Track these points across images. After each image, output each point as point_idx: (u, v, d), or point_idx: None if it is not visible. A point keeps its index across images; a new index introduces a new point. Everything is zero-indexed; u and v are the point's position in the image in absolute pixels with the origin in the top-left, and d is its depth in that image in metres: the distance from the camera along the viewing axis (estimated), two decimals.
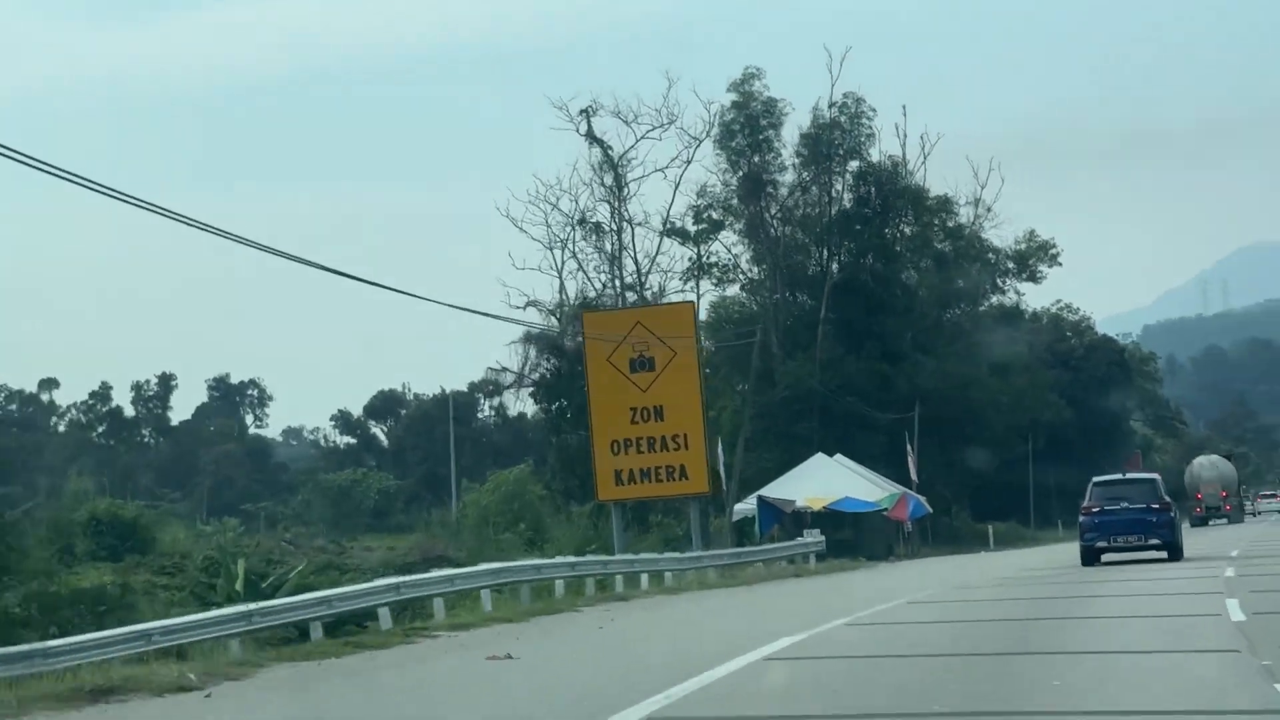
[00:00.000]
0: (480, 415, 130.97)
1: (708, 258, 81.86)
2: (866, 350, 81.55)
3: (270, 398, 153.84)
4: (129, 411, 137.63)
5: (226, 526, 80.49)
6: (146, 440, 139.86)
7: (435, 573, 29.59)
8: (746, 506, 59.15)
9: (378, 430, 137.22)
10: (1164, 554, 36.04)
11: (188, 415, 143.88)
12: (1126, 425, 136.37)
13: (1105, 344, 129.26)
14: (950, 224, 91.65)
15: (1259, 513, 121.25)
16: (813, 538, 52.18)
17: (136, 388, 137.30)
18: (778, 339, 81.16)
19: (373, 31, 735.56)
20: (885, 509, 62.94)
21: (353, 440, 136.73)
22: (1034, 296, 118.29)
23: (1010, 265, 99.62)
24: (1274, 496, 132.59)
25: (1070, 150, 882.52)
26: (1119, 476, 40.34)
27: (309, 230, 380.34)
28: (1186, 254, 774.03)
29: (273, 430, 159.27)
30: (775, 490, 60.84)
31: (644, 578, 36.83)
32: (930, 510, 70.93)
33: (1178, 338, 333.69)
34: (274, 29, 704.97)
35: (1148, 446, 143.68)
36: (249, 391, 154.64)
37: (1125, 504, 36.04)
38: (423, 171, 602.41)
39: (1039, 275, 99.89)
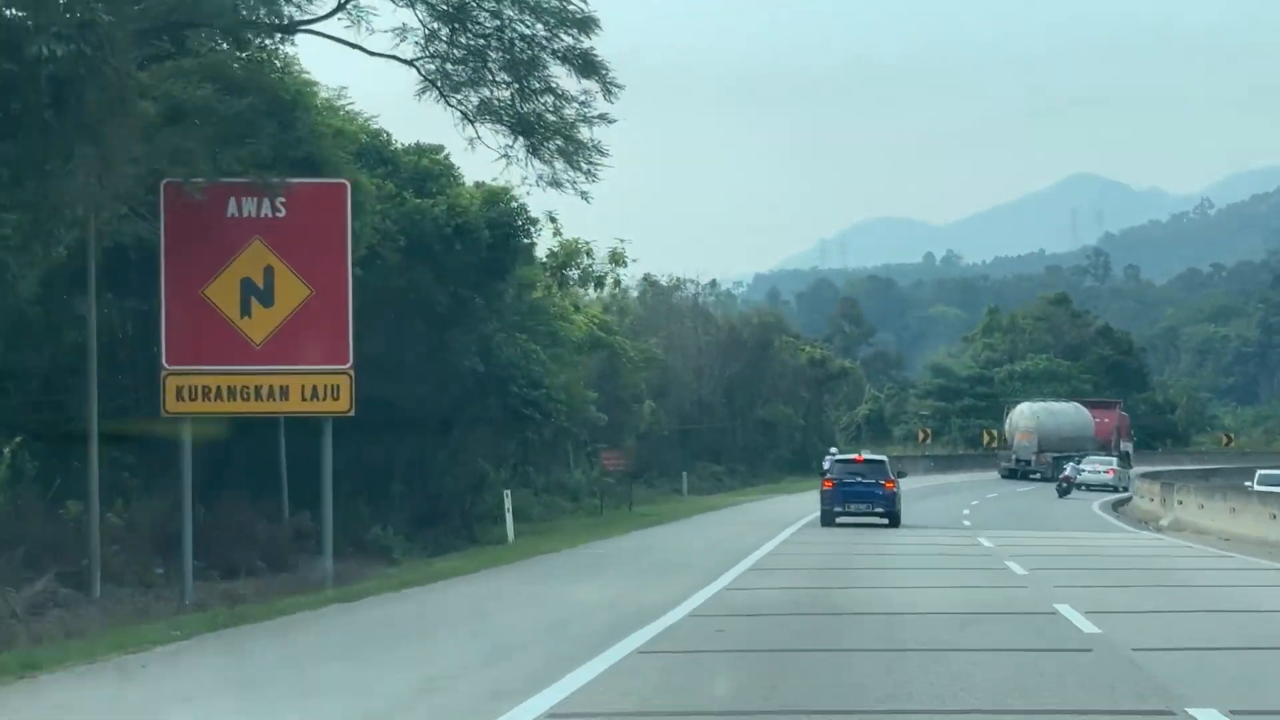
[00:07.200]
0: None
1: None
2: None
3: None
4: None
5: None
6: None
7: None
8: None
9: None
10: (885, 520, 43.03)
11: None
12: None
13: None
14: None
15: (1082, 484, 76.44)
16: None
17: None
18: None
19: None
20: None
21: None
22: None
23: None
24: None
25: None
26: (854, 456, 47.55)
27: None
28: (808, 225, 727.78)
29: None
30: None
31: None
32: None
33: (789, 283, 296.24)
34: None
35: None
36: None
37: (860, 479, 43.45)
38: None
39: None
